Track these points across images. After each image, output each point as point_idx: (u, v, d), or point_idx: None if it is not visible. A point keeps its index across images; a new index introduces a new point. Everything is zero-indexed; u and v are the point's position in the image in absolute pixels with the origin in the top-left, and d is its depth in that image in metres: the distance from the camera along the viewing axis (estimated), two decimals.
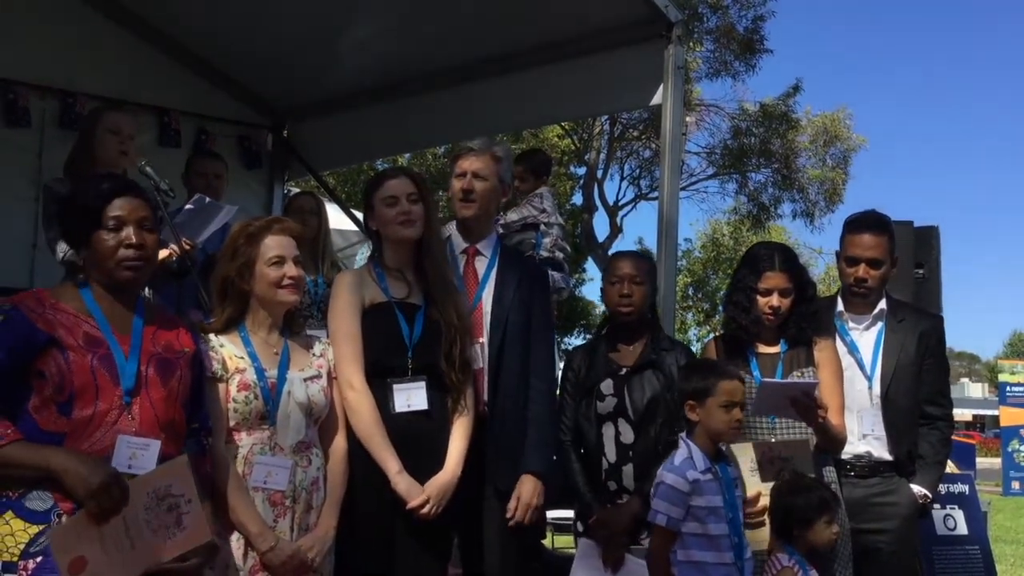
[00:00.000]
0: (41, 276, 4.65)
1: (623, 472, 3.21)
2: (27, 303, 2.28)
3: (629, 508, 3.15)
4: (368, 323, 2.92)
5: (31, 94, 5.17)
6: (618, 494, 3.22)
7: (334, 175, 13.79)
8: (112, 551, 2.17)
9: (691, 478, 2.84)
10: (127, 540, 2.19)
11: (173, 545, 2.24)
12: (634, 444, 3.21)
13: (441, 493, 2.82)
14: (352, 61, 5.60)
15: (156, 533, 2.22)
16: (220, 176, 4.58)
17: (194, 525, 2.27)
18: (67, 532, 2.14)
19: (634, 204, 20.92)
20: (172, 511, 2.24)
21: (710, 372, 2.99)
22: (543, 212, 5.11)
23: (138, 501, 2.20)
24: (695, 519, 2.84)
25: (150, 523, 2.21)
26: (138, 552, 2.20)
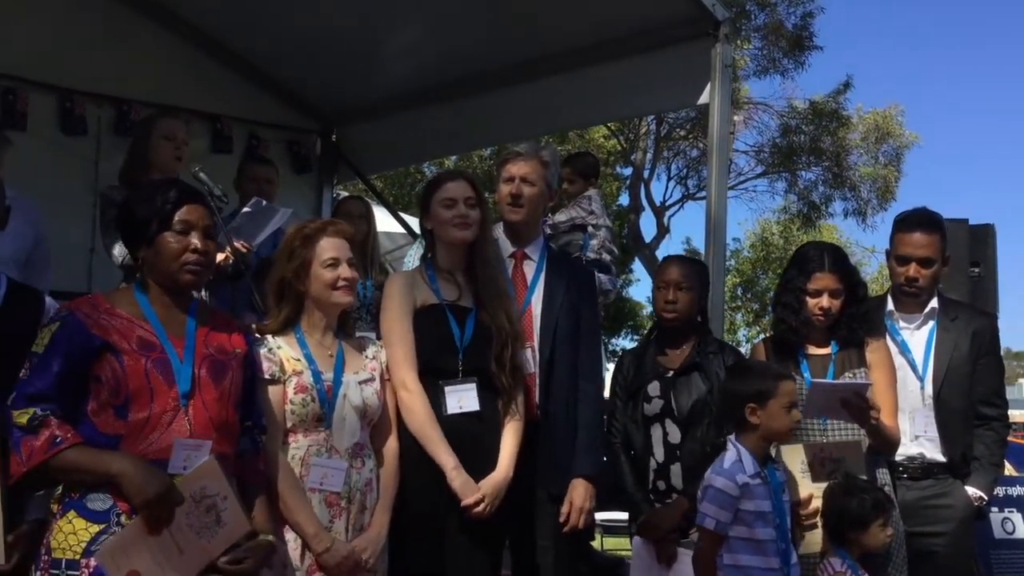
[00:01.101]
0: (98, 280, 4.76)
1: (671, 471, 3.22)
2: (82, 309, 2.34)
3: (677, 507, 3.15)
4: (419, 324, 2.95)
5: (87, 102, 5.29)
6: (667, 493, 3.22)
7: (382, 178, 13.90)
8: (163, 560, 2.21)
9: (740, 481, 2.83)
10: (175, 547, 2.23)
11: (217, 543, 2.29)
12: (681, 444, 3.21)
13: (495, 492, 2.83)
14: (399, 65, 5.65)
15: (200, 535, 2.27)
16: (271, 181, 4.66)
17: (233, 520, 2.32)
18: (115, 548, 2.19)
19: (681, 204, 20.75)
20: (211, 511, 2.29)
21: (769, 374, 2.97)
22: (591, 214, 5.10)
23: (180, 507, 2.25)
24: (743, 523, 2.83)
25: (193, 526, 2.26)
26: (187, 556, 2.24)
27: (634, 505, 3.26)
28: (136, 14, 5.40)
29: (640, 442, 3.28)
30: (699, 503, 2.89)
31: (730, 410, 2.99)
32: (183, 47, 5.60)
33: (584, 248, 4.98)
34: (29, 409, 2.22)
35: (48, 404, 2.23)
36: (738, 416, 2.93)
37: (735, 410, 2.95)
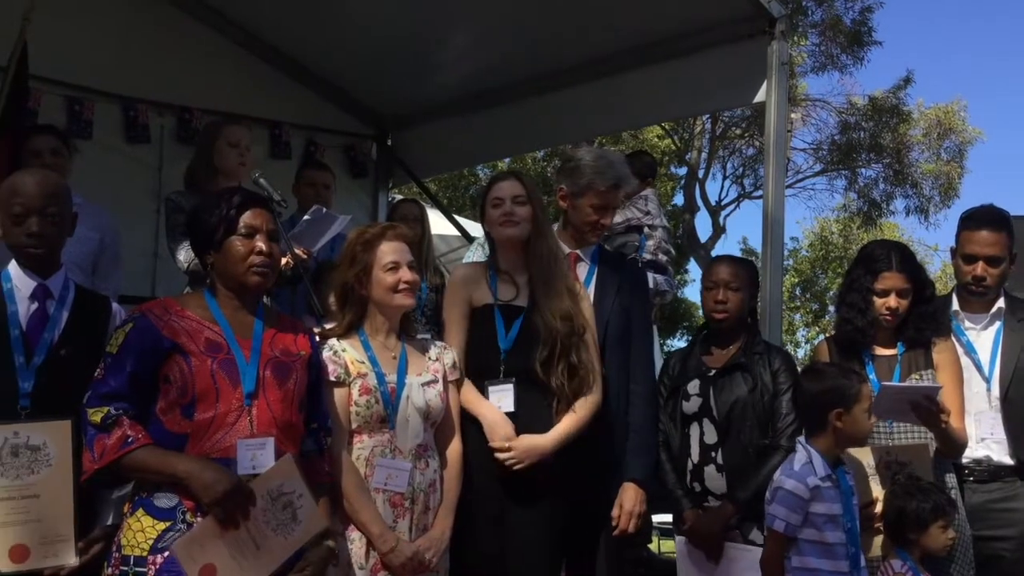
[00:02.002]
0: (162, 284, 4.87)
1: (705, 472, 3.19)
2: (154, 311, 2.41)
3: (722, 515, 3.12)
4: (472, 324, 2.99)
5: (150, 111, 5.39)
6: (703, 495, 3.19)
7: (436, 181, 14.00)
8: (239, 555, 2.26)
9: (811, 484, 2.80)
10: (252, 542, 2.27)
11: (294, 539, 2.33)
12: (719, 446, 3.17)
13: (528, 451, 2.82)
14: (453, 69, 5.68)
15: (277, 531, 2.31)
16: (328, 186, 4.72)
17: (309, 517, 2.36)
18: (190, 543, 2.23)
19: (737, 203, 20.54)
20: (287, 508, 2.33)
21: (853, 377, 2.93)
22: (647, 215, 5.08)
23: (256, 504, 2.29)
24: (812, 526, 2.79)
25: (270, 523, 2.30)
26: (264, 552, 2.29)
27: (676, 503, 3.23)
28: (197, 23, 5.51)
29: (678, 441, 3.25)
30: (767, 505, 2.85)
31: (809, 413, 2.94)
32: (243, 55, 5.69)
33: (640, 249, 4.96)
34: (103, 408, 2.29)
35: (121, 403, 2.30)
36: (818, 419, 2.89)
37: (815, 413, 2.90)
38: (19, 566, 2.35)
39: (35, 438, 2.38)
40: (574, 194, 3.21)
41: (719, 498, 3.16)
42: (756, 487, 3.05)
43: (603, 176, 3.19)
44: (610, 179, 3.21)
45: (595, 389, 2.96)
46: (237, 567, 2.25)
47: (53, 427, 2.38)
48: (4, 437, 2.36)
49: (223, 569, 2.23)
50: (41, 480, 2.39)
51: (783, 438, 3.13)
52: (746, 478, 3.11)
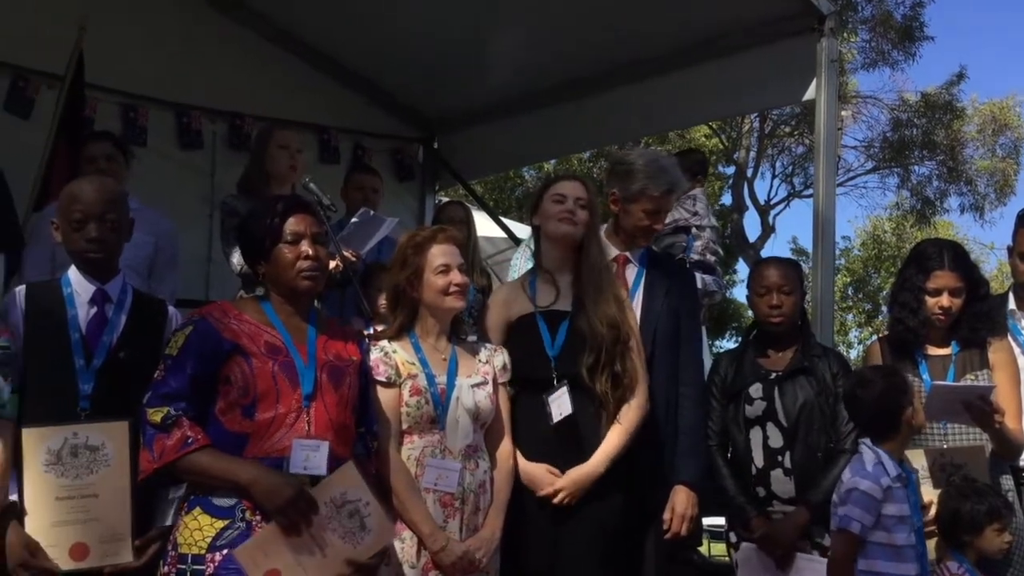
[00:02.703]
0: (215, 288, 4.94)
1: (771, 477, 3.15)
2: (213, 314, 2.46)
3: (797, 520, 3.07)
4: (514, 336, 2.98)
5: (203, 117, 5.49)
6: (767, 501, 3.15)
7: (482, 183, 14.04)
8: (304, 560, 2.28)
9: (884, 484, 2.76)
10: (317, 549, 2.30)
11: (364, 548, 2.35)
12: (786, 450, 3.13)
13: (576, 483, 2.82)
14: (499, 71, 5.69)
15: (345, 539, 2.33)
16: (376, 190, 4.76)
17: (378, 526, 2.38)
18: (254, 549, 2.26)
19: (787, 202, 20.28)
20: (354, 516, 2.35)
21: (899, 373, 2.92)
22: (695, 215, 5.04)
23: (319, 511, 2.31)
24: (882, 528, 2.76)
25: (336, 530, 2.32)
26: (331, 559, 2.31)
27: (738, 510, 3.19)
28: (248, 30, 5.59)
29: (741, 445, 3.22)
30: (838, 506, 2.82)
31: (878, 418, 2.89)
32: (292, 61, 5.76)
33: (688, 250, 4.92)
34: (163, 408, 2.33)
35: (181, 403, 2.34)
36: (889, 422, 2.85)
37: (886, 416, 2.86)
38: (79, 564, 2.40)
39: (94, 438, 2.43)
40: (626, 199, 3.20)
41: (785, 502, 3.13)
42: (827, 490, 3.01)
43: (656, 182, 3.17)
44: (663, 185, 3.18)
45: (639, 395, 2.95)
46: (302, 572, 2.28)
47: (111, 428, 2.44)
48: (64, 438, 2.41)
49: (287, 573, 2.26)
50: (100, 480, 2.44)
51: (848, 441, 3.09)
52: (816, 481, 3.07)
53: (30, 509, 2.40)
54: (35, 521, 2.39)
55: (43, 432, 2.41)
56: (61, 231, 2.62)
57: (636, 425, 2.92)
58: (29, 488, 2.39)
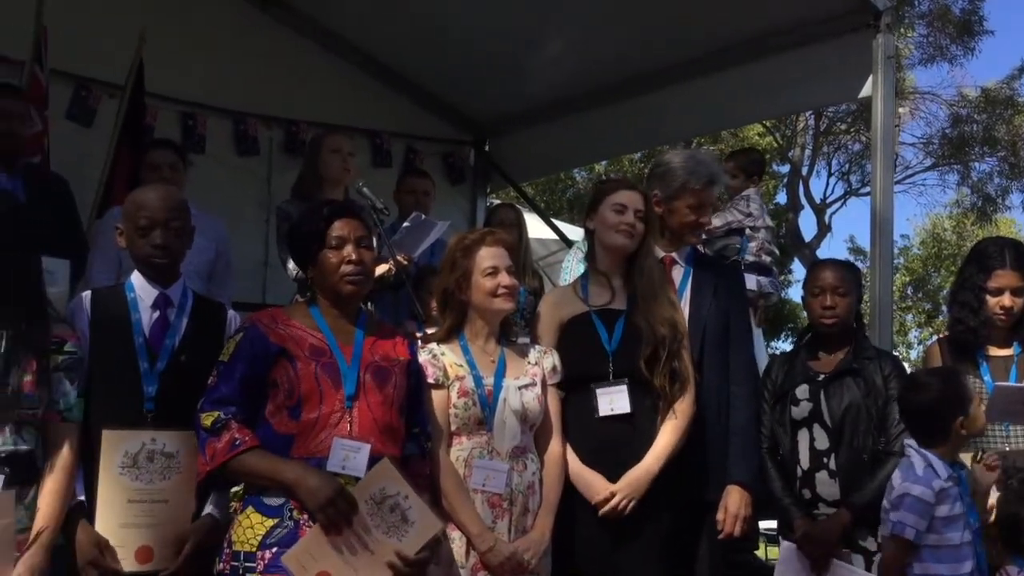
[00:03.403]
0: (272, 291, 5.04)
1: (816, 479, 3.10)
2: (262, 320, 2.52)
3: (838, 522, 3.03)
4: (568, 335, 2.98)
5: (259, 124, 5.61)
6: (813, 503, 3.11)
7: (533, 185, 14.06)
8: (353, 560, 2.32)
9: (937, 487, 2.72)
10: (364, 548, 2.33)
11: (410, 541, 2.37)
12: (832, 452, 3.09)
13: (632, 487, 2.81)
14: (550, 73, 5.71)
15: (390, 534, 2.36)
16: (428, 193, 4.80)
17: (422, 518, 2.40)
18: (300, 553, 2.29)
19: (843, 201, 19.95)
20: (395, 510, 2.37)
21: (959, 379, 2.87)
22: (749, 215, 4.99)
23: (361, 509, 2.34)
24: (933, 531, 2.72)
25: (379, 527, 2.35)
26: (379, 556, 2.34)
27: (784, 511, 3.16)
28: (302, 38, 5.70)
29: (787, 447, 3.18)
30: (889, 512, 2.78)
31: (927, 423, 2.85)
32: (345, 67, 5.85)
33: (742, 251, 4.88)
34: (214, 412, 2.40)
35: (231, 407, 2.40)
36: (938, 429, 2.81)
37: (935, 423, 2.82)
38: (143, 567, 2.46)
39: (170, 445, 2.50)
40: (668, 198, 3.19)
41: (831, 504, 3.09)
42: (872, 493, 2.97)
43: (696, 175, 3.16)
44: (704, 177, 3.17)
45: (690, 394, 2.94)
46: (353, 572, 2.31)
47: (187, 436, 2.48)
48: (142, 442, 2.48)
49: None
50: (170, 486, 2.50)
51: (897, 443, 3.04)
52: (861, 484, 3.03)
53: (101, 509, 2.46)
54: (105, 521, 2.46)
55: (122, 435, 2.48)
56: (126, 237, 2.69)
57: (688, 422, 2.92)
58: (103, 488, 2.46)
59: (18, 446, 2.35)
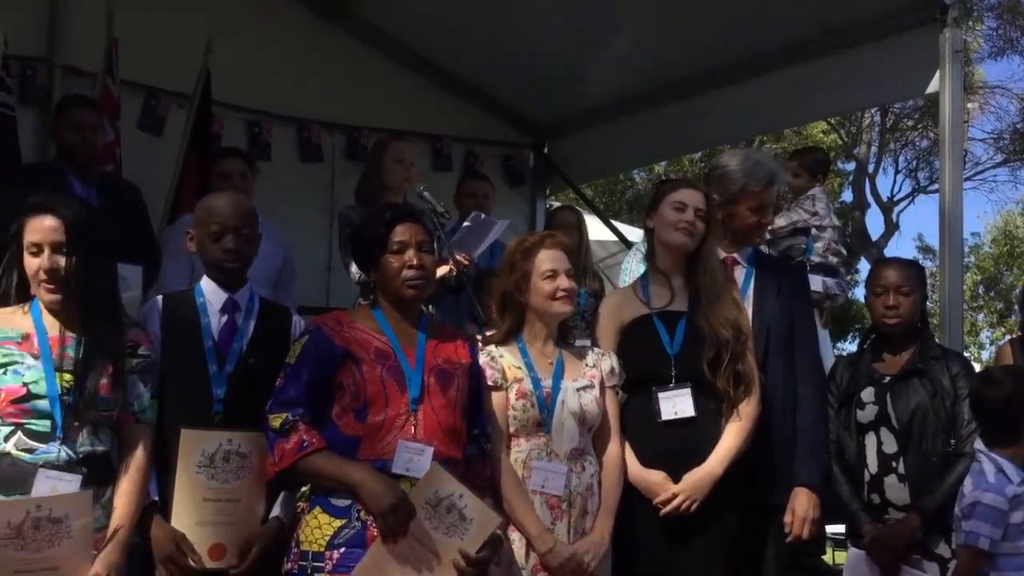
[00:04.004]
0: (335, 295, 5.10)
1: (885, 483, 3.06)
2: (327, 323, 2.56)
3: (908, 526, 2.98)
4: (629, 338, 2.98)
5: (322, 131, 5.70)
6: (882, 508, 3.06)
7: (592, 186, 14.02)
8: (418, 564, 2.35)
9: (1010, 494, 2.67)
10: (428, 553, 2.36)
11: (471, 538, 2.40)
12: (900, 455, 3.04)
13: (695, 487, 2.79)
14: (609, 74, 5.70)
15: (451, 534, 2.38)
16: (488, 196, 4.83)
17: (479, 515, 2.42)
18: (369, 568, 2.33)
19: (911, 198, 19.51)
20: (452, 511, 2.39)
21: None
22: (814, 215, 4.92)
23: (419, 515, 2.37)
24: (1008, 539, 2.67)
25: (439, 528, 2.38)
26: (443, 556, 2.37)
27: (852, 516, 3.11)
28: (363, 46, 5.77)
29: (853, 452, 3.13)
30: (961, 520, 2.73)
31: (999, 422, 2.79)
32: (405, 73, 5.91)
33: (808, 251, 4.81)
34: (282, 414, 2.45)
35: (298, 409, 2.45)
36: (1010, 428, 2.74)
37: (1007, 422, 2.76)
38: (215, 564, 2.52)
39: (244, 446, 2.55)
40: (728, 201, 3.16)
41: (900, 509, 3.03)
42: (942, 497, 2.92)
43: (754, 176, 3.14)
44: (763, 177, 3.15)
45: (755, 395, 2.91)
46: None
47: (258, 437, 2.53)
48: (219, 442, 2.54)
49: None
50: (243, 486, 2.55)
51: (967, 445, 2.98)
52: (931, 488, 2.98)
53: (178, 507, 2.52)
54: (181, 518, 2.52)
55: (200, 435, 2.54)
56: (197, 242, 2.76)
57: (753, 425, 2.89)
58: (180, 487, 2.52)
59: (95, 447, 2.42)
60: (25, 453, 2.34)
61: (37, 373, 2.37)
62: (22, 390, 2.35)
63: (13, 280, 2.47)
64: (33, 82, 4.72)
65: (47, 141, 4.58)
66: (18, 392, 2.35)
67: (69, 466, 2.36)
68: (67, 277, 2.40)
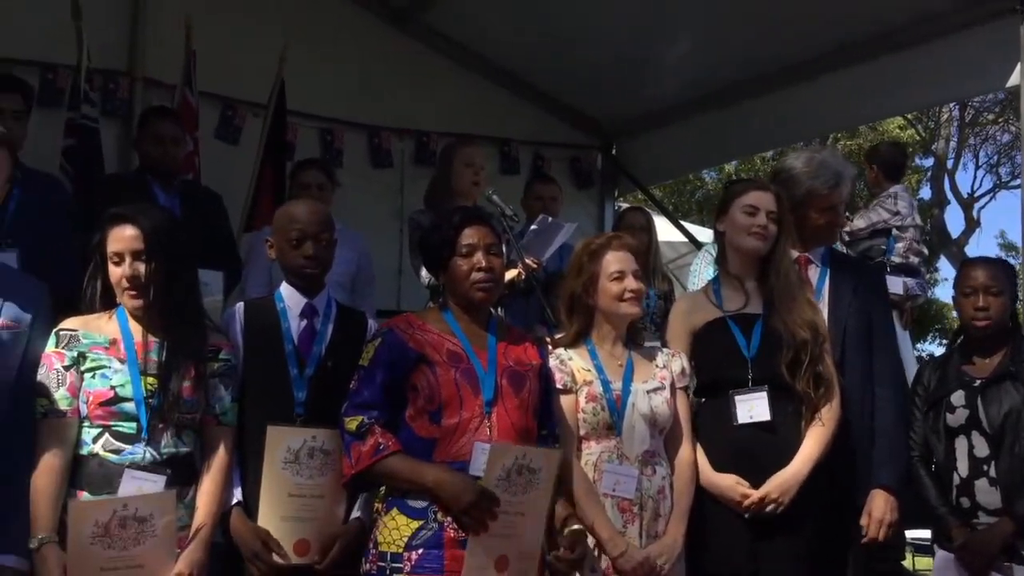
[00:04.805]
0: (406, 299, 5.17)
1: (976, 487, 3.00)
2: (399, 326, 2.60)
3: (1001, 531, 2.90)
4: (702, 341, 2.95)
5: (392, 137, 5.78)
6: (972, 512, 2.99)
7: (661, 187, 13.93)
8: (512, 534, 2.40)
9: None
10: (513, 516, 2.40)
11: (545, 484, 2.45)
12: (992, 459, 2.97)
13: (781, 489, 2.75)
14: (677, 73, 5.66)
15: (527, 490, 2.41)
16: (555, 198, 4.84)
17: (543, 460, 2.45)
18: (474, 569, 2.36)
19: (993, 194, 18.90)
20: (521, 472, 2.40)
21: None
22: (895, 214, 4.82)
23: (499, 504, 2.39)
24: None
25: (516, 493, 2.40)
26: (528, 510, 2.42)
27: (939, 520, 3.05)
28: (432, 51, 5.83)
29: (942, 455, 3.06)
30: None
31: None
32: (472, 77, 5.96)
33: (888, 252, 4.73)
34: (358, 416, 2.49)
35: (374, 411, 2.49)
36: None
37: None
38: (300, 559, 2.57)
39: (328, 443, 2.60)
40: (796, 204, 3.11)
41: (991, 513, 2.97)
42: None
43: (820, 179, 3.09)
44: (829, 180, 3.09)
45: (836, 400, 2.86)
46: (519, 539, 2.41)
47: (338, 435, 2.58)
48: (304, 439, 2.59)
49: (511, 556, 2.40)
50: (327, 482, 2.60)
51: None
52: (1022, 492, 2.90)
53: (264, 502, 2.58)
54: (267, 514, 2.58)
55: (286, 431, 2.59)
56: (277, 248, 2.82)
57: (836, 429, 2.84)
58: (266, 482, 2.58)
59: (178, 448, 2.50)
60: (112, 454, 2.43)
61: (123, 377, 2.46)
62: (109, 393, 2.44)
63: (98, 288, 2.57)
64: (115, 95, 4.89)
65: (128, 152, 4.75)
66: (106, 395, 2.44)
67: (154, 467, 2.44)
68: (147, 284, 2.48)
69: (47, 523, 2.34)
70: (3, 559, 2.33)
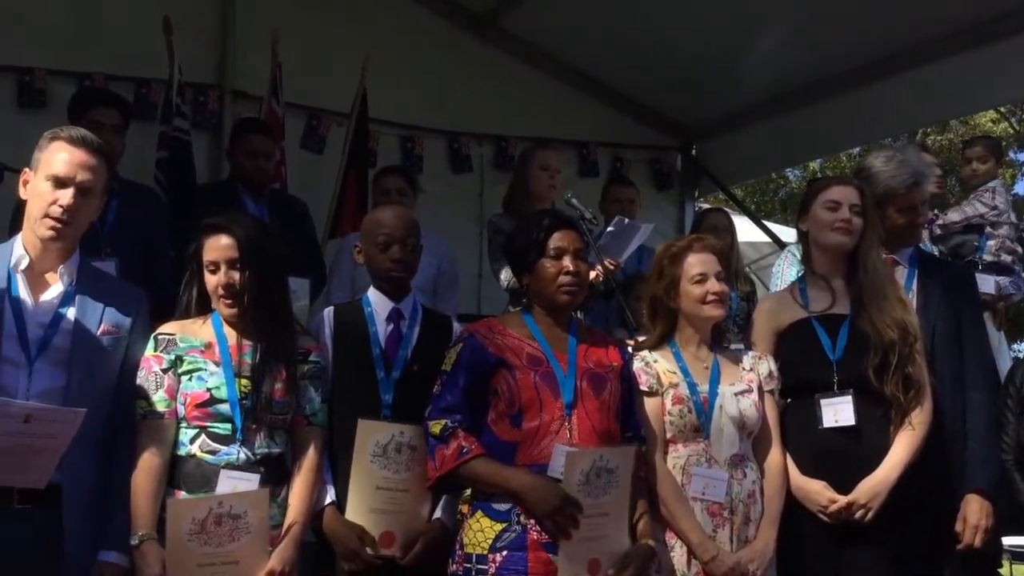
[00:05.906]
0: (486, 302, 5.21)
1: None
2: (480, 331, 2.63)
3: None
4: (788, 342, 2.91)
5: (471, 142, 5.84)
6: None
7: (742, 187, 13.72)
8: (597, 535, 2.41)
9: None
10: (595, 518, 2.41)
11: (623, 483, 2.47)
12: None
13: (871, 494, 2.70)
14: (758, 72, 5.57)
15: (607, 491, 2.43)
16: (633, 201, 4.83)
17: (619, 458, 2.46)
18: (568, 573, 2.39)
19: None
20: (600, 474, 2.42)
21: None
22: (992, 209, 4.66)
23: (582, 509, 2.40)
24: None
25: (597, 496, 2.41)
26: (611, 510, 2.44)
27: None
28: (510, 56, 5.87)
29: None
30: None
31: None
32: (550, 81, 5.98)
33: (980, 250, 4.58)
34: (441, 420, 2.53)
35: (457, 415, 2.52)
36: None
37: None
38: (386, 551, 2.63)
39: (415, 439, 2.65)
40: (876, 204, 3.04)
41: None
42: None
43: (898, 178, 3.01)
44: (908, 179, 3.02)
45: (928, 403, 2.79)
46: (606, 539, 2.43)
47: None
48: (392, 434, 2.65)
49: (603, 557, 2.42)
50: (413, 477, 2.65)
51: None
52: None
53: (353, 494, 2.65)
54: (356, 505, 2.65)
55: (375, 425, 2.66)
56: (365, 253, 2.89)
57: (927, 433, 2.77)
58: (355, 475, 2.64)
59: (271, 449, 2.57)
60: (209, 455, 2.51)
61: (219, 379, 2.55)
62: (205, 395, 2.53)
63: (194, 295, 2.67)
64: (205, 108, 5.06)
65: (218, 162, 4.91)
66: (202, 397, 2.53)
67: (248, 467, 2.51)
68: (242, 291, 2.57)
69: (147, 521, 2.43)
70: (106, 555, 2.43)
